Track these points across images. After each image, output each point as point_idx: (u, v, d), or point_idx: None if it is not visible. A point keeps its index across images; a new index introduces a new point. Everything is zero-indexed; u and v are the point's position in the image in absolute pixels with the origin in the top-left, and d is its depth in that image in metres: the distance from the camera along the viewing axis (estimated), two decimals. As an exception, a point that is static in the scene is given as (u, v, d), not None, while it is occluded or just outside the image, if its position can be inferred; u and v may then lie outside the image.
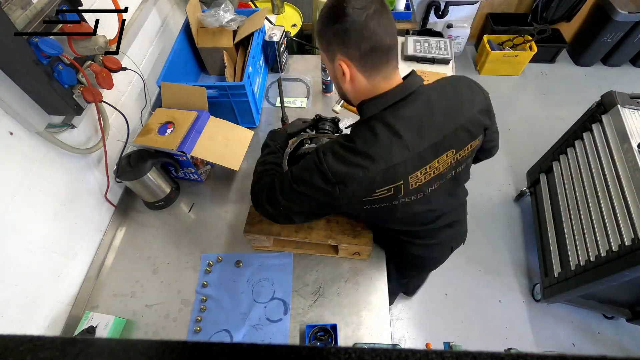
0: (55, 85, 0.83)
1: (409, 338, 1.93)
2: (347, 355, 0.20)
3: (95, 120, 1.14)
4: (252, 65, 1.37)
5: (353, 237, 1.04)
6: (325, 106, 1.56)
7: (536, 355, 0.19)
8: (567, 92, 3.08)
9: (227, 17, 1.45)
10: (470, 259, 2.15)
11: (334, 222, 1.07)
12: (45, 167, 0.96)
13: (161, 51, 1.54)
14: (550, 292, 1.84)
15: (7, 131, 0.85)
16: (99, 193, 1.19)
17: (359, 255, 1.10)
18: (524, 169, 2.35)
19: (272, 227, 1.06)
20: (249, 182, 0.98)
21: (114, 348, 0.22)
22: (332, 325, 0.98)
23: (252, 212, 1.09)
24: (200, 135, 1.17)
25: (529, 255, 2.19)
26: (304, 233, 1.05)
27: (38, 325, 0.97)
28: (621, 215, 1.43)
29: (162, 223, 1.24)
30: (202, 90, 1.22)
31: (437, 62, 2.07)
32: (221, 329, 1.02)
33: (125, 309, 1.07)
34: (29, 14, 0.76)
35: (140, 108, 1.37)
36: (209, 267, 1.12)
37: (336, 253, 1.11)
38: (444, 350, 0.20)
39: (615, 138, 1.55)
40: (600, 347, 1.90)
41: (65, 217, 1.04)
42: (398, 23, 2.24)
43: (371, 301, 1.06)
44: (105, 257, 1.18)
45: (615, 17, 2.75)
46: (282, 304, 1.06)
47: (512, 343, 1.90)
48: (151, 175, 1.16)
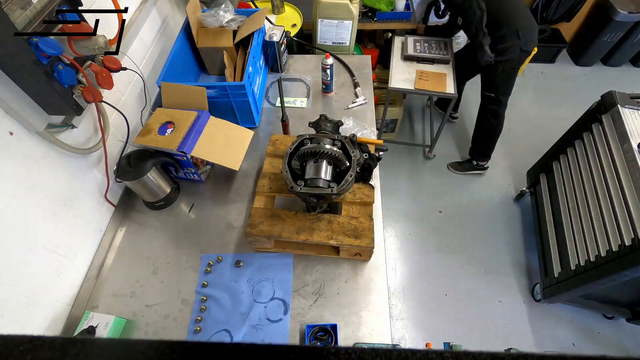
0: (55, 85, 0.83)
1: (409, 338, 1.93)
2: (347, 355, 0.20)
3: (95, 120, 1.15)
4: (252, 65, 1.37)
5: (354, 238, 1.04)
6: (325, 106, 1.56)
7: (536, 355, 0.19)
8: (567, 92, 3.08)
9: (227, 17, 1.45)
10: (470, 259, 2.15)
11: (335, 222, 1.06)
12: (45, 167, 0.96)
13: (161, 51, 1.54)
14: (550, 292, 1.84)
15: (7, 131, 0.85)
16: (99, 193, 1.19)
17: (360, 257, 1.10)
18: (524, 169, 2.35)
19: (273, 228, 1.06)
20: (249, 182, 0.98)
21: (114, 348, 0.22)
22: (332, 325, 0.98)
23: (252, 214, 1.09)
24: (200, 135, 1.17)
25: (529, 255, 2.19)
26: (305, 234, 1.04)
27: (38, 325, 0.97)
28: (621, 215, 1.42)
29: (162, 223, 1.24)
30: (202, 90, 1.22)
31: (437, 62, 2.07)
32: (221, 329, 1.02)
33: (125, 309, 1.07)
34: (29, 14, 0.76)
35: (140, 108, 1.37)
36: (209, 267, 1.12)
37: (337, 254, 1.11)
38: (444, 350, 0.20)
39: (615, 138, 1.55)
40: (600, 347, 1.90)
41: (65, 217, 1.04)
42: (398, 23, 2.24)
43: (371, 301, 1.06)
44: (105, 257, 1.18)
45: (615, 17, 2.75)
46: (282, 304, 1.06)
47: (512, 343, 1.90)
48: (151, 175, 1.16)
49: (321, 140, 1.03)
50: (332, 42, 1.91)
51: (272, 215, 1.08)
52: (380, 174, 1.31)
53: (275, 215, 1.08)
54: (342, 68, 1.69)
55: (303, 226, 1.06)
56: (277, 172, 1.18)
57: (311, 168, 1.01)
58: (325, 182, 0.98)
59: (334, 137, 1.04)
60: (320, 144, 1.00)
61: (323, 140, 1.02)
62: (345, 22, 1.80)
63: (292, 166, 1.03)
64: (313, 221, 1.06)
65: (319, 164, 1.00)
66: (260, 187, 1.15)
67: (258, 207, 1.11)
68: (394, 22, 2.24)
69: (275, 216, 1.08)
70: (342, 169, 1.03)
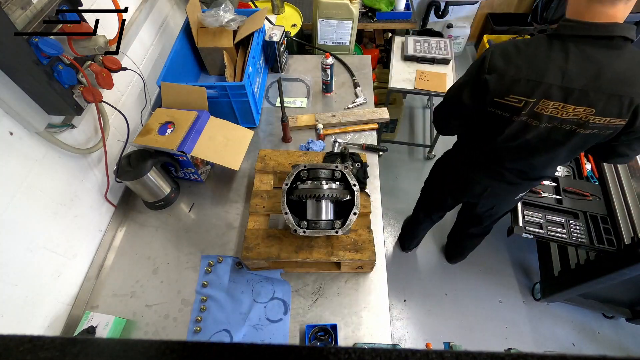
0: (55, 85, 0.83)
1: (409, 338, 1.93)
2: (347, 355, 0.20)
3: (95, 120, 1.14)
4: (252, 65, 1.37)
5: (355, 252, 1.02)
6: (325, 106, 1.56)
7: (536, 355, 0.19)
8: (567, 92, 3.08)
9: (227, 17, 1.45)
10: (470, 259, 2.15)
11: (334, 237, 1.04)
12: (45, 167, 0.96)
13: (161, 51, 1.54)
14: (550, 291, 1.84)
15: (7, 131, 0.85)
16: (99, 193, 1.19)
17: (362, 269, 1.08)
18: (524, 168, 2.35)
19: (270, 249, 1.02)
20: (249, 182, 0.98)
21: (114, 348, 0.22)
22: (332, 325, 0.98)
23: (247, 236, 1.05)
24: (200, 135, 1.17)
25: (529, 255, 2.19)
26: (304, 253, 1.01)
27: (38, 325, 0.97)
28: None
29: (162, 223, 1.24)
30: (202, 90, 1.22)
31: (437, 62, 2.07)
32: (221, 329, 1.02)
33: (125, 309, 1.07)
34: (29, 14, 0.76)
35: (140, 108, 1.37)
36: (209, 267, 1.12)
37: (338, 269, 1.09)
38: (444, 350, 0.20)
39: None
40: (600, 347, 1.90)
41: (65, 217, 1.04)
42: (398, 23, 2.24)
43: (371, 301, 1.06)
44: (105, 257, 1.18)
45: (615, 17, 2.75)
46: (282, 304, 1.06)
47: (512, 343, 1.90)
48: (151, 175, 1.16)
49: (319, 172, 0.98)
50: (332, 42, 1.91)
51: (268, 235, 1.05)
52: (380, 174, 1.32)
53: (272, 236, 1.05)
54: (342, 68, 1.69)
55: (301, 244, 1.03)
56: (269, 189, 1.16)
57: (312, 207, 0.98)
58: (329, 222, 0.96)
59: (333, 167, 0.99)
60: (318, 180, 0.96)
61: (321, 173, 0.98)
62: (345, 22, 1.80)
63: (291, 199, 0.99)
64: (311, 238, 1.04)
65: (319, 205, 0.97)
66: (253, 206, 1.11)
67: (252, 228, 1.07)
68: (394, 22, 2.24)
69: (271, 236, 1.05)
70: (344, 201, 1.00)
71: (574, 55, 0.81)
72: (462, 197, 1.46)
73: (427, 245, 2.24)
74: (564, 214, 1.56)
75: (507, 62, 0.87)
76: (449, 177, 1.42)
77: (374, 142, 1.43)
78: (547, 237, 1.51)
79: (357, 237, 1.05)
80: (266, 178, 1.20)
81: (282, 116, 1.32)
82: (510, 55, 0.87)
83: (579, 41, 0.81)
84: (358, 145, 1.39)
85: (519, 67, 0.85)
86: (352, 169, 1.14)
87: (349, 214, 0.96)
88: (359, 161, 1.22)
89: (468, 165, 1.26)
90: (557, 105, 0.85)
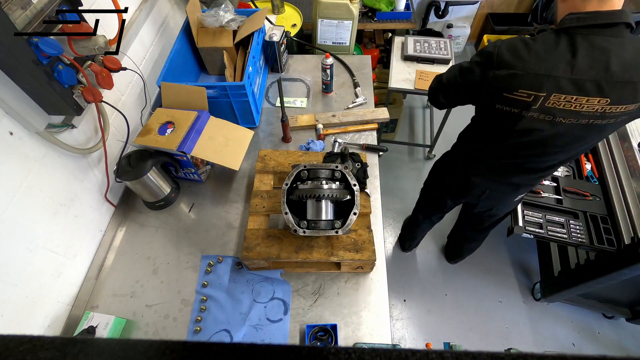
0: (55, 85, 0.83)
1: (409, 338, 1.93)
2: (347, 355, 0.20)
3: (95, 120, 1.14)
4: (252, 65, 1.37)
5: (355, 252, 1.02)
6: (325, 106, 1.56)
7: (536, 355, 0.19)
8: (567, 92, 3.08)
9: (227, 17, 1.45)
10: (470, 259, 2.15)
11: (334, 237, 1.04)
12: (45, 167, 0.96)
13: (161, 51, 1.54)
14: (550, 291, 1.84)
15: (7, 131, 0.85)
16: (99, 193, 1.19)
17: (362, 269, 1.08)
18: (524, 168, 2.35)
19: (270, 249, 1.02)
20: (249, 182, 0.98)
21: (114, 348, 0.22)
22: (332, 325, 0.98)
23: (247, 236, 1.05)
24: (200, 135, 1.17)
25: (529, 255, 2.19)
26: (304, 253, 1.01)
27: (38, 325, 0.97)
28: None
29: (162, 223, 1.24)
30: (202, 90, 1.22)
31: (437, 62, 2.07)
32: (221, 329, 1.02)
33: (125, 309, 1.07)
34: (29, 14, 0.76)
35: (140, 108, 1.37)
36: (209, 267, 1.12)
37: (338, 269, 1.09)
38: (444, 350, 0.20)
39: (616, 137, 1.55)
40: (600, 347, 1.90)
41: (65, 217, 1.04)
42: (398, 23, 2.24)
43: (371, 301, 1.06)
44: (105, 257, 1.18)
45: (615, 17, 2.75)
46: (282, 304, 1.06)
47: (512, 343, 1.90)
48: (151, 175, 1.16)
49: (319, 172, 0.98)
50: (332, 42, 1.91)
51: (268, 235, 1.05)
52: (380, 174, 1.32)
53: (272, 236, 1.05)
54: (342, 68, 1.69)
55: (301, 244, 1.03)
56: (269, 189, 1.16)
57: (312, 207, 0.98)
58: (329, 222, 0.96)
59: (333, 167, 0.99)
60: (318, 180, 0.96)
61: (321, 173, 0.98)
62: (345, 22, 1.80)
63: (291, 199, 0.99)
64: (311, 238, 1.04)
65: (319, 205, 0.97)
66: (253, 206, 1.11)
67: (252, 228, 1.07)
68: (394, 22, 2.24)
69: (271, 236, 1.05)
70: (344, 201, 1.00)
71: (582, 47, 0.81)
72: (461, 198, 1.46)
73: (427, 246, 2.24)
74: (564, 214, 1.57)
75: (515, 57, 0.87)
76: (447, 179, 1.42)
77: (374, 142, 1.43)
78: (547, 237, 1.52)
79: (357, 237, 1.05)
80: (266, 178, 1.20)
81: (282, 116, 1.32)
82: (519, 49, 0.87)
83: (586, 32, 0.82)
84: (358, 145, 1.39)
85: (528, 62, 0.85)
86: (352, 169, 1.14)
87: (349, 214, 0.95)
88: (359, 161, 1.22)
89: (467, 166, 1.26)
90: (569, 98, 0.85)
